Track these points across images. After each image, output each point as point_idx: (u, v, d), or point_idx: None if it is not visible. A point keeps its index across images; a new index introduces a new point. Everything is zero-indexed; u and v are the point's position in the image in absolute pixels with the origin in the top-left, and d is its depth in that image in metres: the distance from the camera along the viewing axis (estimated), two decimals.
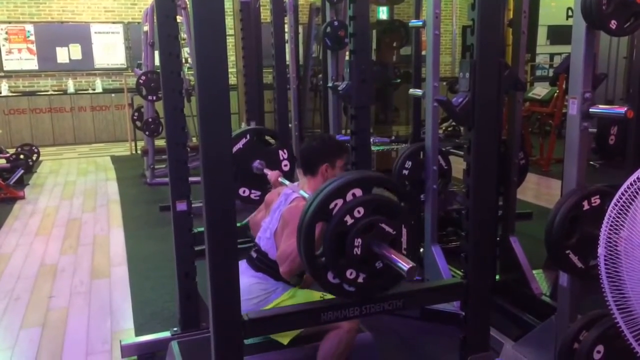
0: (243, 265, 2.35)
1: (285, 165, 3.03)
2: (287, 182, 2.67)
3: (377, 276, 1.77)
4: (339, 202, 1.68)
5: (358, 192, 1.70)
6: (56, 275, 3.96)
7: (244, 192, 3.00)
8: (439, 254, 3.14)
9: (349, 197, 1.69)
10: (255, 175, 2.97)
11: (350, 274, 1.73)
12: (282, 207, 2.29)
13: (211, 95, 1.56)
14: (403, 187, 1.81)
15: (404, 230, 1.76)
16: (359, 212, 1.69)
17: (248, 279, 2.27)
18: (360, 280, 1.75)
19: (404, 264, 1.62)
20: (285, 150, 3.09)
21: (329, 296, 2.26)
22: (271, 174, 2.81)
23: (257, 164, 2.96)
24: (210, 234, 1.63)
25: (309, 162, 2.34)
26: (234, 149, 2.91)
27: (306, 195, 2.24)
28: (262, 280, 2.27)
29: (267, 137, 3.21)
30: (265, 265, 2.29)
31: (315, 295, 2.29)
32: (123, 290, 3.68)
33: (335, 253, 1.69)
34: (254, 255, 2.35)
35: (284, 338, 2.22)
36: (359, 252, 1.70)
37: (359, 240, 1.69)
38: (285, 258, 2.12)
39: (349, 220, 1.68)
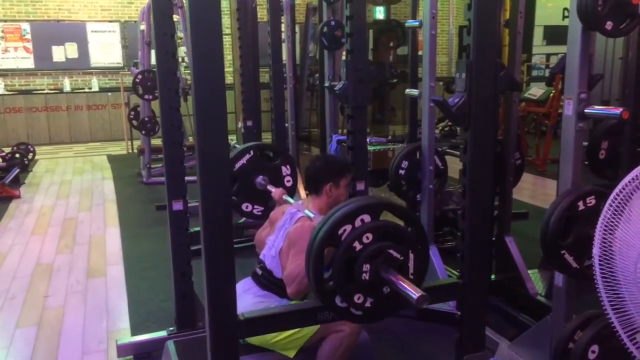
0: (248, 282, 2.36)
1: (288, 181, 3.05)
2: (291, 200, 2.69)
3: (384, 300, 1.78)
4: (348, 227, 1.70)
5: (367, 217, 1.72)
6: (52, 275, 3.96)
7: (246, 207, 3.01)
8: (435, 254, 3.15)
9: (357, 222, 1.71)
10: (258, 191, 2.98)
11: (358, 298, 1.74)
12: (287, 226, 2.31)
13: (207, 94, 1.56)
14: (411, 213, 1.83)
15: (411, 256, 1.77)
16: (367, 237, 1.70)
17: (253, 297, 2.28)
18: (367, 304, 1.76)
19: (414, 293, 1.63)
20: (288, 166, 3.10)
21: None
22: (275, 192, 2.81)
23: (260, 179, 2.97)
24: (207, 233, 1.63)
25: (314, 181, 2.37)
26: (237, 165, 2.94)
27: (311, 215, 2.25)
28: (266, 300, 2.27)
29: (269, 153, 3.22)
30: (270, 283, 2.30)
31: None
32: (119, 290, 3.68)
33: (343, 278, 1.71)
34: (259, 272, 2.36)
35: (290, 352, 2.22)
36: (367, 278, 1.71)
37: (367, 266, 1.70)
38: (293, 279, 2.14)
39: (357, 246, 1.69)
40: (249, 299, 2.27)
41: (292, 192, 2.97)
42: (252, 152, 3.02)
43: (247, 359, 2.21)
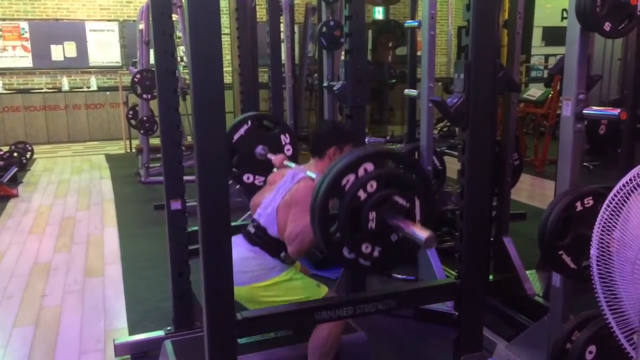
0: (238, 238, 2.34)
1: (288, 150, 3.01)
2: (292, 165, 2.66)
3: (392, 249, 1.76)
4: (351, 177, 1.68)
5: (370, 166, 1.70)
6: (49, 274, 3.95)
7: (247, 178, 2.98)
8: (433, 254, 3.15)
9: (360, 172, 1.69)
10: (258, 161, 2.94)
11: (365, 248, 1.73)
12: (287, 185, 2.29)
13: (206, 94, 1.56)
14: (415, 160, 1.80)
15: (417, 202, 1.76)
16: (371, 186, 1.68)
17: (243, 251, 2.26)
18: (376, 254, 1.74)
19: (422, 234, 1.61)
20: (287, 135, 3.06)
21: (324, 287, 2.26)
22: (275, 158, 2.80)
23: (259, 149, 2.93)
24: (205, 233, 1.63)
25: (318, 144, 2.38)
26: (236, 137, 2.90)
27: (313, 176, 2.24)
28: (258, 256, 2.26)
29: (267, 123, 3.19)
30: (262, 240, 2.28)
31: (311, 283, 2.30)
32: (117, 289, 3.67)
33: (350, 228, 1.69)
34: (252, 230, 2.33)
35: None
36: (373, 226, 1.69)
37: (373, 214, 1.68)
38: (294, 238, 2.12)
39: (362, 195, 1.68)
40: (239, 251, 2.23)
41: (292, 161, 2.95)
42: (249, 122, 2.99)
43: (245, 358, 2.21)
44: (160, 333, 2.82)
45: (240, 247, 2.28)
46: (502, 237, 3.17)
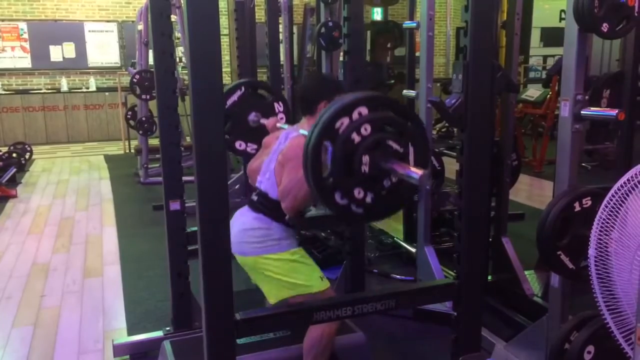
0: (244, 209, 2.32)
1: (282, 118, 2.97)
2: (285, 126, 2.61)
3: (385, 195, 1.74)
4: (345, 120, 1.66)
5: (364, 110, 1.68)
6: (48, 274, 3.95)
7: (240, 145, 2.93)
8: (432, 255, 3.16)
9: (355, 115, 1.67)
10: (251, 128, 2.90)
11: (358, 193, 1.69)
12: (281, 146, 2.25)
13: (205, 94, 1.56)
14: (410, 109, 1.76)
15: (412, 149, 1.73)
16: (365, 129, 1.66)
17: (248, 219, 2.24)
18: (368, 199, 1.71)
19: (415, 172, 1.59)
20: (280, 103, 3.02)
21: (326, 281, 2.24)
22: (268, 121, 2.74)
23: (252, 116, 2.88)
24: (204, 233, 1.63)
25: (308, 100, 2.29)
26: (229, 103, 2.85)
27: (306, 133, 2.19)
28: (263, 224, 2.22)
29: (262, 92, 3.14)
30: (264, 206, 2.24)
31: (316, 273, 2.25)
32: (115, 290, 3.67)
33: (342, 172, 1.66)
34: (255, 197, 2.30)
35: (273, 298, 2.22)
36: (367, 170, 1.66)
37: (367, 157, 1.66)
38: (288, 193, 2.08)
39: (355, 138, 1.65)
40: (244, 220, 2.24)
41: None
42: (243, 88, 2.94)
43: (244, 358, 2.22)
44: (159, 333, 2.82)
45: (245, 217, 2.26)
46: (501, 237, 3.17)
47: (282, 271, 2.18)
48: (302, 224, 2.33)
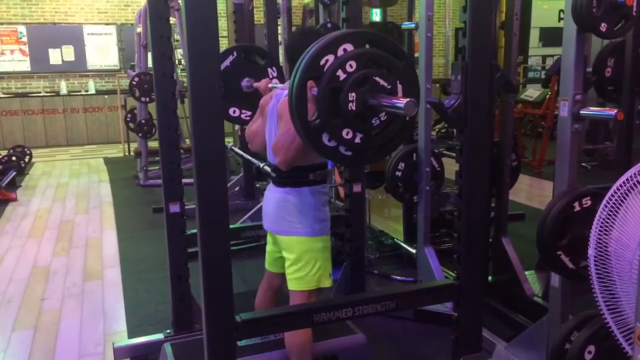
0: (270, 186, 2.29)
1: (276, 83, 2.97)
2: (277, 85, 2.56)
3: (374, 136, 1.71)
4: (330, 57, 1.63)
5: (349, 47, 1.64)
6: (48, 278, 3.95)
7: (234, 112, 2.88)
8: (432, 255, 3.15)
9: (340, 52, 1.64)
10: (245, 94, 2.85)
11: (346, 133, 1.66)
12: (275, 110, 2.22)
13: (204, 97, 1.56)
14: (398, 45, 1.72)
15: (400, 87, 1.69)
16: (351, 66, 1.62)
17: (277, 194, 2.21)
18: (357, 140, 1.68)
19: (400, 101, 1.56)
20: (274, 68, 2.97)
21: (331, 279, 2.21)
22: (260, 83, 2.68)
23: (245, 82, 2.83)
24: (203, 235, 1.63)
25: (294, 55, 2.19)
26: (221, 67, 2.78)
27: None
28: (293, 195, 2.17)
29: (254, 55, 3.07)
30: (285, 177, 2.19)
31: (328, 269, 2.22)
32: (116, 292, 3.67)
33: (329, 111, 1.62)
34: (274, 174, 2.25)
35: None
36: (354, 108, 1.63)
37: (353, 95, 1.62)
38: (280, 147, 2.04)
39: (341, 75, 1.62)
40: (272, 197, 2.22)
41: None
42: (235, 53, 2.89)
43: None
44: (159, 336, 2.82)
45: (274, 193, 2.23)
46: (501, 237, 3.17)
47: (305, 255, 2.15)
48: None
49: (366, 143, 1.71)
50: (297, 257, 2.16)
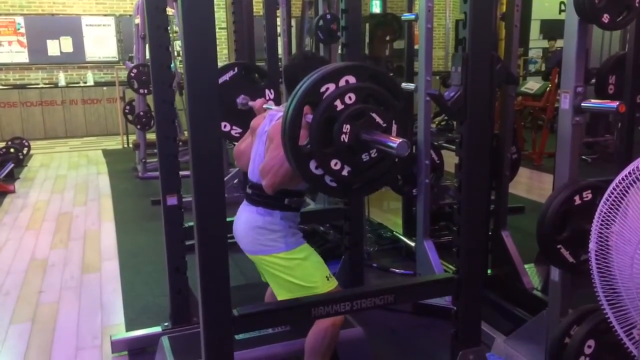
0: (243, 204, 2.26)
1: (271, 105, 2.97)
2: (272, 107, 2.55)
3: (363, 170, 1.71)
4: (331, 86, 1.63)
5: (351, 79, 1.65)
6: (46, 270, 3.94)
7: (224, 126, 2.89)
8: (431, 249, 3.14)
9: (341, 82, 1.64)
10: (239, 111, 2.86)
11: (335, 164, 1.66)
12: (267, 128, 2.19)
13: (201, 88, 1.54)
14: (398, 85, 1.73)
15: (395, 127, 1.70)
16: (350, 98, 1.63)
17: (251, 215, 2.18)
18: (344, 173, 1.68)
19: (393, 141, 1.56)
20: (272, 90, 2.98)
21: (333, 280, 2.19)
22: (255, 102, 2.68)
23: (241, 99, 2.84)
24: (200, 228, 1.62)
25: (293, 79, 2.20)
26: (220, 81, 2.81)
27: None
28: (265, 216, 2.15)
29: (254, 74, 3.12)
30: (262, 197, 2.16)
31: (323, 273, 2.18)
32: (114, 285, 3.66)
33: (321, 139, 1.62)
34: (250, 191, 2.23)
35: (284, 293, 2.16)
36: (346, 140, 1.63)
37: (348, 126, 1.62)
38: (269, 170, 2.01)
39: (339, 105, 1.62)
40: (245, 216, 2.19)
41: None
42: (236, 69, 2.90)
43: (242, 354, 2.20)
44: (157, 329, 2.81)
45: (246, 212, 2.20)
46: (501, 231, 3.16)
47: (287, 270, 2.13)
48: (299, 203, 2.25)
49: (353, 177, 1.71)
50: (280, 274, 2.14)
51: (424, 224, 3.18)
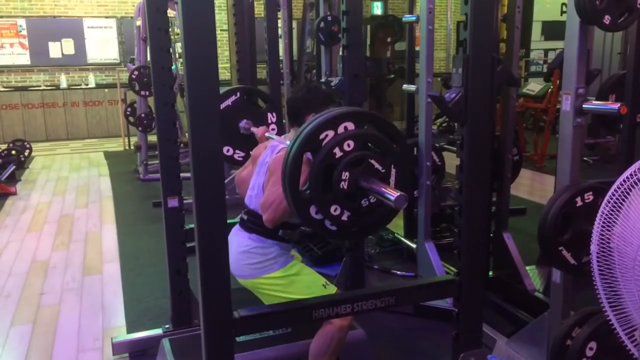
0: (235, 228, 2.28)
1: (273, 129, 2.98)
2: (274, 136, 2.58)
3: (362, 215, 1.73)
4: (330, 133, 1.65)
5: (350, 126, 1.67)
6: (48, 272, 3.94)
7: (227, 150, 2.92)
8: (433, 250, 3.14)
9: (340, 129, 1.66)
10: (241, 135, 2.90)
11: (334, 210, 1.68)
12: (268, 159, 2.22)
13: (201, 90, 1.54)
14: (397, 129, 1.77)
15: (394, 171, 1.73)
16: (348, 145, 1.65)
17: (243, 240, 2.20)
18: (344, 218, 1.70)
19: (391, 193, 1.58)
20: (274, 114, 3.01)
21: (331, 286, 2.22)
22: (258, 130, 2.72)
23: (244, 123, 2.88)
24: (201, 230, 1.61)
25: (295, 112, 2.26)
26: (222, 106, 2.84)
27: None
28: (258, 243, 2.19)
29: (258, 100, 3.15)
30: (257, 225, 2.19)
31: (318, 282, 2.22)
32: (115, 287, 3.66)
33: (320, 186, 1.65)
34: (245, 217, 2.26)
35: None
36: (345, 187, 1.66)
37: (347, 174, 1.65)
38: (269, 205, 2.05)
39: (338, 152, 1.65)
40: (238, 241, 2.21)
41: None
42: (238, 94, 2.93)
43: (243, 356, 2.20)
44: (158, 331, 2.81)
45: (238, 237, 2.22)
46: (502, 232, 3.15)
47: (282, 288, 2.16)
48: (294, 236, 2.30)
49: (353, 221, 1.73)
50: (278, 294, 2.15)
51: (425, 226, 3.17)
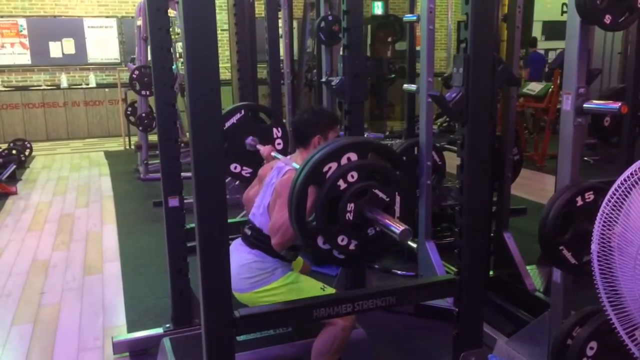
0: (237, 242, 2.32)
1: (279, 144, 3.01)
2: (279, 156, 2.62)
3: (368, 244, 1.75)
4: (333, 165, 1.67)
5: (353, 156, 1.68)
6: (48, 271, 3.94)
7: (235, 168, 2.98)
8: (433, 250, 3.14)
9: (343, 161, 1.68)
10: (247, 152, 2.94)
11: (341, 240, 1.70)
12: (274, 180, 2.26)
13: (202, 90, 1.54)
14: (400, 156, 1.80)
15: (398, 198, 1.75)
16: (352, 176, 1.67)
17: (244, 255, 2.25)
18: (351, 247, 1.72)
19: (397, 227, 1.60)
20: (279, 129, 3.05)
21: (329, 289, 2.24)
22: (264, 149, 2.76)
23: (250, 140, 2.93)
24: (201, 230, 1.61)
25: (301, 134, 2.30)
26: (227, 124, 2.89)
27: (298, 167, 2.21)
28: (259, 258, 2.23)
29: (262, 115, 3.20)
30: (260, 242, 2.24)
31: (316, 286, 2.25)
32: (115, 286, 3.66)
33: (327, 218, 1.66)
34: (248, 232, 2.31)
35: None
36: (351, 218, 1.68)
37: (352, 205, 1.67)
38: (277, 229, 2.07)
39: (342, 184, 1.67)
40: (240, 256, 2.24)
41: (282, 154, 2.95)
42: (243, 111, 2.97)
43: (244, 355, 2.20)
44: (159, 330, 2.81)
45: (240, 252, 2.27)
46: (502, 232, 3.15)
47: (281, 297, 2.18)
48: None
49: (360, 250, 1.75)
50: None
51: (426, 226, 3.17)
